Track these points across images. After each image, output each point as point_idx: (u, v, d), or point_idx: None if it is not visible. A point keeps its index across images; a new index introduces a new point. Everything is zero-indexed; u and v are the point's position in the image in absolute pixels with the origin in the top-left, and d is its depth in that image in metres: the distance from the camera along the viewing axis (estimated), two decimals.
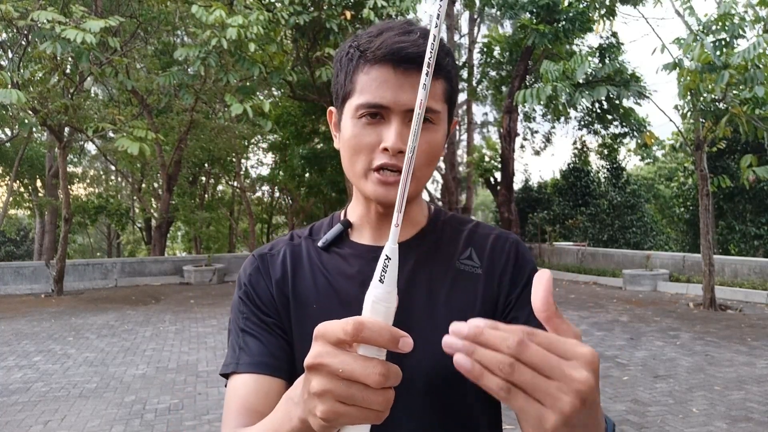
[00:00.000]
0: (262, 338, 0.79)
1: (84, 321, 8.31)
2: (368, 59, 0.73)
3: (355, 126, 0.75)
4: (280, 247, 0.87)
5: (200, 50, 8.59)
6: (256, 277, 0.84)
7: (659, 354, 6.17)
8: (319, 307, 0.80)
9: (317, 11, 10.03)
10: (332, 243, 0.85)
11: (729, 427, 4.03)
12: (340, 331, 0.45)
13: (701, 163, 8.73)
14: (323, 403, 0.46)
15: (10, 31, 10.40)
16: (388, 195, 0.74)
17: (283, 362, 0.78)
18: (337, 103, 0.81)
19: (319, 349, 0.46)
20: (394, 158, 0.73)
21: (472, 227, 0.88)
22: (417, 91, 0.69)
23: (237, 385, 0.76)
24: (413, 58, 0.71)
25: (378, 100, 0.72)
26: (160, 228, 15.96)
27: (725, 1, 7.34)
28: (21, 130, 9.89)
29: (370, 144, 0.74)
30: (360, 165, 0.75)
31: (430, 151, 0.75)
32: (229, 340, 0.83)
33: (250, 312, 0.81)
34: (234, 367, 0.77)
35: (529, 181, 19.83)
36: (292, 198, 21.66)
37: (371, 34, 0.75)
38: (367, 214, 0.83)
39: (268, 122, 9.67)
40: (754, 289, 9.65)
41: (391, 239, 0.49)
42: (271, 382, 0.76)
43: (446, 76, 0.76)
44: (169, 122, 13.68)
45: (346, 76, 0.76)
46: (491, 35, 17.41)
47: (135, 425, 4.22)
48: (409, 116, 0.72)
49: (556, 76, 7.75)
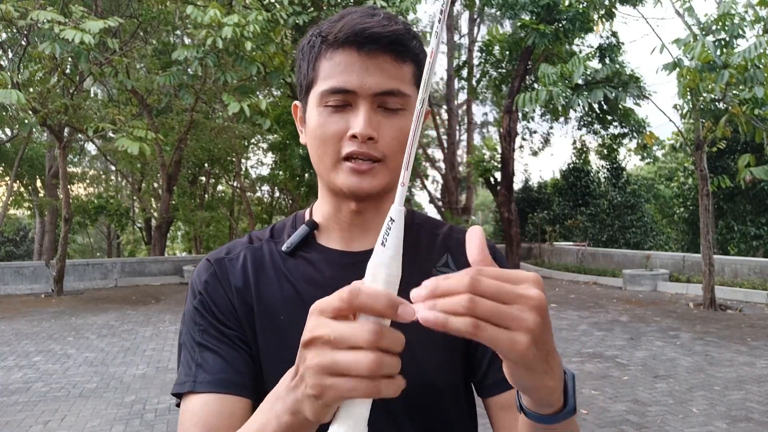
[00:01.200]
0: (223, 352, 0.71)
1: (84, 321, 8.30)
2: (330, 43, 0.69)
3: (321, 115, 0.70)
4: (238, 251, 0.79)
5: (198, 50, 8.59)
6: (213, 285, 0.75)
7: (659, 354, 6.17)
8: (287, 319, 0.73)
9: (317, 11, 10.02)
10: (297, 247, 0.78)
11: (729, 427, 4.03)
12: (336, 299, 0.43)
13: (701, 163, 8.73)
14: (312, 377, 0.43)
15: (10, 31, 10.40)
16: (361, 184, 0.70)
17: (247, 379, 0.70)
18: (300, 95, 0.76)
19: (313, 322, 0.44)
20: (364, 145, 0.68)
21: (446, 231, 0.84)
22: (384, 73, 0.68)
23: (195, 407, 0.67)
24: (378, 38, 0.67)
25: (343, 84, 0.68)
26: (160, 228, 15.96)
27: (725, 1, 7.34)
28: (21, 130, 9.89)
29: (337, 132, 0.69)
30: (328, 156, 0.70)
31: (401, 137, 0.70)
32: (181, 355, 0.74)
33: (208, 324, 0.73)
34: (191, 386, 0.68)
35: (529, 181, 19.84)
36: (292, 198, 21.65)
37: (333, 20, 0.71)
38: (336, 214, 0.77)
39: (267, 121, 9.68)
40: (754, 289, 9.65)
41: (397, 200, 0.46)
42: (235, 402, 0.68)
43: (414, 59, 0.71)
44: (169, 122, 13.69)
45: (308, 65, 0.72)
46: (491, 34, 17.40)
47: (135, 425, 4.21)
48: (378, 101, 0.69)
49: (553, 80, 7.76)
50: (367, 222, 0.77)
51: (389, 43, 0.68)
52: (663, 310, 8.84)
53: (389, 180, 0.71)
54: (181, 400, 0.71)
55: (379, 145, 0.69)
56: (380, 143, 0.69)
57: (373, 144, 0.69)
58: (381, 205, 0.76)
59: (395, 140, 0.70)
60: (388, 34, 0.67)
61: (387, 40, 0.67)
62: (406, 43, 0.69)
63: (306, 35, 0.74)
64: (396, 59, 0.69)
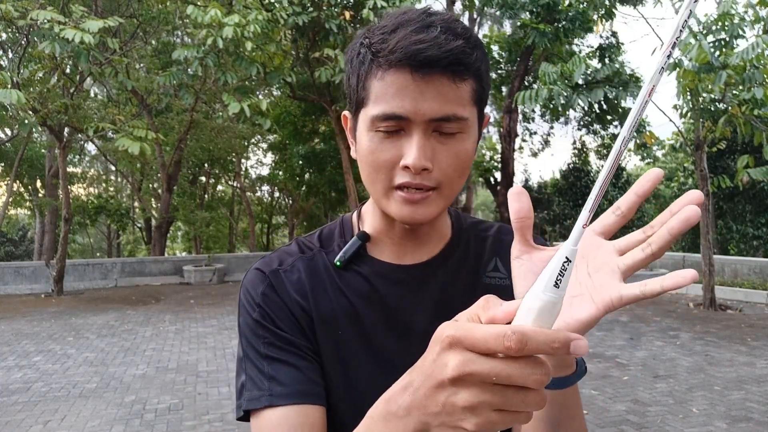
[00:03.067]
0: (294, 362, 0.69)
1: (84, 321, 8.30)
2: (381, 64, 0.63)
3: (372, 140, 0.66)
4: (292, 261, 0.77)
5: (198, 50, 8.59)
6: (272, 297, 0.73)
7: (659, 354, 6.17)
8: (344, 333, 0.73)
9: (316, 11, 10.02)
10: (350, 260, 0.76)
11: (729, 427, 4.03)
12: (493, 341, 0.38)
13: (701, 163, 8.73)
14: (477, 416, 0.40)
15: (10, 31, 10.40)
16: (414, 215, 0.67)
17: (321, 387, 0.70)
18: (351, 109, 0.72)
19: (460, 357, 0.40)
20: (418, 176, 0.65)
21: (495, 233, 0.82)
22: (440, 97, 0.63)
23: (274, 421, 0.66)
24: (435, 62, 0.61)
25: (395, 110, 0.63)
26: (160, 228, 15.96)
27: (725, 1, 7.34)
28: (21, 130, 9.89)
29: (389, 161, 0.65)
30: (380, 184, 0.67)
31: (458, 164, 0.66)
32: (244, 369, 0.71)
33: (273, 336, 0.71)
34: (268, 401, 0.66)
35: (529, 181, 19.83)
36: (291, 198, 21.66)
37: (385, 29, 0.64)
38: (389, 230, 0.76)
39: (267, 121, 9.68)
40: (754, 289, 9.65)
41: (572, 240, 0.42)
42: (314, 411, 0.67)
43: (475, 74, 0.65)
44: (169, 122, 13.69)
45: (359, 81, 0.67)
46: (490, 35, 17.42)
47: (135, 425, 4.21)
48: (432, 126, 0.64)
49: (554, 79, 7.76)
50: (421, 237, 0.77)
51: (448, 64, 0.62)
52: (663, 310, 8.84)
53: (443, 207, 0.69)
54: (251, 416, 0.68)
55: (433, 174, 0.66)
56: (435, 171, 0.66)
57: (428, 174, 0.65)
58: (434, 221, 0.74)
59: (450, 167, 0.66)
60: (446, 55, 0.61)
61: (446, 61, 0.62)
62: (465, 60, 0.63)
63: (355, 42, 0.69)
64: (454, 80, 0.63)
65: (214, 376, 5.42)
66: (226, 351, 6.43)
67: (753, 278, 10.10)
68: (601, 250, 0.51)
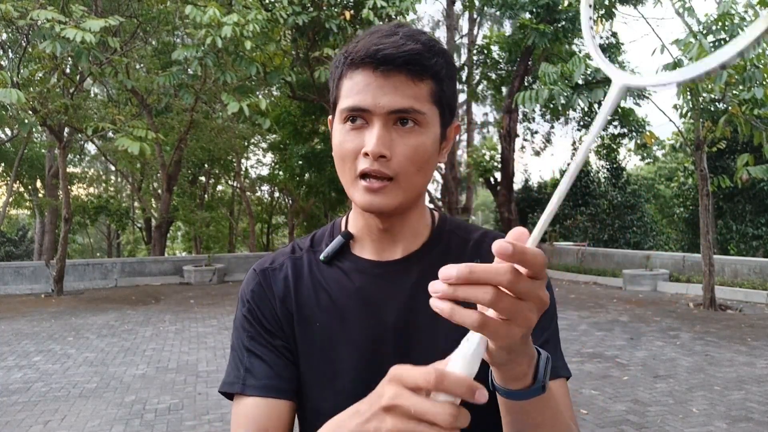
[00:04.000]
0: (268, 359, 0.78)
1: (84, 321, 8.31)
2: (350, 64, 0.72)
3: (341, 132, 0.73)
4: (281, 261, 0.85)
5: (198, 50, 8.59)
6: (260, 294, 0.82)
7: (659, 354, 6.17)
8: (322, 325, 0.79)
9: (316, 11, 10.02)
10: (334, 256, 0.82)
11: (729, 427, 4.03)
12: (421, 378, 0.46)
13: (701, 163, 8.73)
14: None
15: (10, 31, 10.40)
16: (373, 202, 0.72)
17: (290, 384, 0.78)
18: (331, 112, 0.80)
19: (394, 391, 0.47)
20: (376, 163, 0.70)
21: (479, 237, 0.85)
22: (398, 92, 0.70)
23: (248, 408, 0.76)
24: (392, 59, 0.69)
25: (359, 103, 0.70)
26: (160, 228, 15.96)
27: (725, 1, 7.34)
28: (21, 130, 9.88)
29: (353, 149, 0.72)
30: (347, 173, 0.73)
31: (415, 156, 0.71)
32: (231, 354, 0.82)
33: (256, 332, 0.80)
34: (240, 389, 0.77)
35: (529, 181, 19.83)
36: (291, 198, 21.66)
37: (357, 39, 0.74)
38: (367, 227, 0.81)
39: (267, 120, 9.68)
40: (754, 289, 9.65)
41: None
42: (281, 405, 0.77)
43: (434, 77, 0.72)
44: (169, 122, 13.68)
45: (333, 83, 0.76)
46: (489, 36, 17.41)
47: (135, 425, 4.22)
48: (392, 119, 0.71)
49: (554, 79, 7.76)
50: (396, 234, 0.81)
51: (404, 63, 0.69)
52: (663, 310, 8.84)
53: (402, 199, 0.73)
54: (234, 399, 0.79)
55: (391, 163, 0.71)
56: (393, 161, 0.71)
57: (386, 162, 0.70)
58: (406, 219, 0.80)
59: (407, 159, 0.71)
60: (402, 54, 0.69)
61: (401, 60, 0.69)
62: (422, 62, 0.70)
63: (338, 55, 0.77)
64: (412, 78, 0.70)
65: (214, 376, 5.42)
66: (226, 351, 6.43)
67: (753, 278, 10.10)
68: None
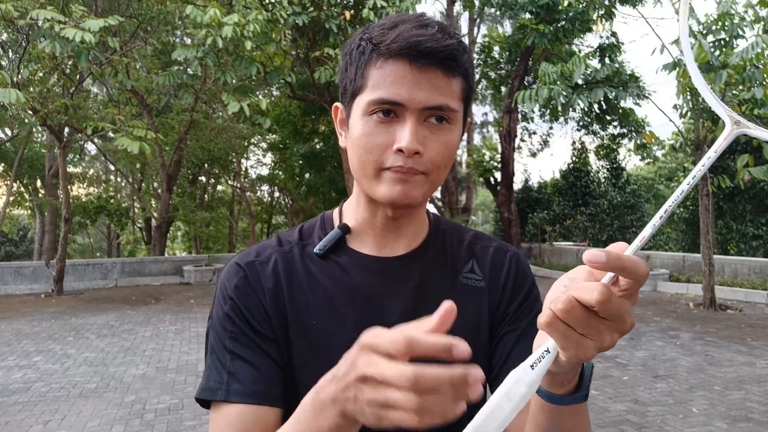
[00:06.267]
0: (255, 362, 0.71)
1: (84, 321, 8.30)
2: (382, 53, 0.68)
3: (366, 124, 0.69)
4: (268, 254, 0.78)
5: (198, 50, 8.59)
6: (245, 289, 0.74)
7: (659, 354, 6.17)
8: (318, 324, 0.74)
9: (316, 11, 10.02)
10: (330, 250, 0.77)
11: (729, 427, 4.03)
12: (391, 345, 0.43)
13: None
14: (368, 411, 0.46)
15: (10, 30, 10.40)
16: (402, 193, 0.69)
17: (279, 388, 0.71)
18: (345, 99, 0.75)
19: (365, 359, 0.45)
20: (410, 160, 0.67)
21: (471, 238, 0.85)
22: (434, 88, 0.67)
23: (230, 417, 0.68)
24: (432, 53, 0.66)
25: (392, 96, 0.67)
26: (160, 228, 15.96)
27: (725, 1, 7.34)
28: (21, 130, 9.88)
29: (382, 144, 0.68)
30: (371, 166, 0.70)
31: (446, 152, 0.70)
32: (209, 357, 0.74)
33: (240, 331, 0.72)
34: (224, 395, 0.69)
35: (529, 181, 19.85)
36: (291, 198, 21.66)
37: (384, 26, 0.69)
38: (371, 220, 0.77)
39: (267, 120, 9.68)
40: (754, 289, 9.65)
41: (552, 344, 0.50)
42: (268, 412, 0.69)
43: (464, 74, 0.71)
44: (169, 122, 13.69)
45: (357, 71, 0.70)
46: (490, 35, 17.41)
47: (135, 425, 4.21)
48: (425, 115, 0.68)
49: (554, 78, 7.77)
50: (401, 228, 0.79)
51: (443, 58, 0.67)
52: (663, 310, 8.84)
53: (428, 193, 0.72)
54: (210, 406, 0.71)
55: (423, 159, 0.69)
56: (425, 157, 0.69)
57: (419, 158, 0.68)
58: (415, 213, 0.79)
59: (439, 155, 0.70)
60: (442, 49, 0.66)
61: (442, 55, 0.67)
62: (458, 58, 0.68)
63: (354, 38, 0.73)
64: (447, 74, 0.68)
65: None
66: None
67: (753, 278, 10.10)
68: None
